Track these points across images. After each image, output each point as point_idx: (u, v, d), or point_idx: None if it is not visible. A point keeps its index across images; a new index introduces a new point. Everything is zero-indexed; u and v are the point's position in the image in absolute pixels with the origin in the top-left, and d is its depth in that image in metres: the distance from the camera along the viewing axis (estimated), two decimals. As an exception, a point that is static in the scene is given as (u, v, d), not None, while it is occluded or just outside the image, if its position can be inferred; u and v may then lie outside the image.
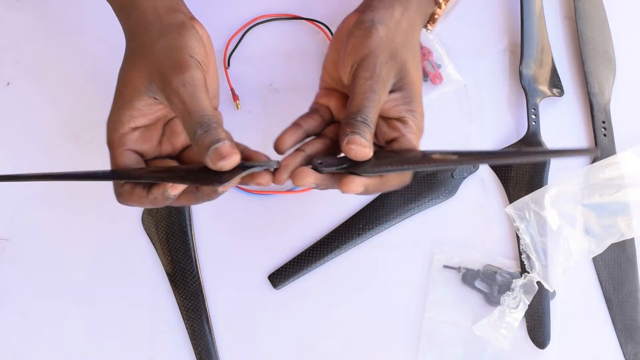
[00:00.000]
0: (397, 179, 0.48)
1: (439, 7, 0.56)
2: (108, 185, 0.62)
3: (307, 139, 0.50)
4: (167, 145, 0.50)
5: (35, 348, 0.57)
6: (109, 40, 0.67)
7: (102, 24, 0.68)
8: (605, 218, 0.60)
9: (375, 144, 0.48)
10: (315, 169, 0.46)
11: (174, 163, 0.50)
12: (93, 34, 0.67)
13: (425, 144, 0.64)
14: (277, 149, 0.48)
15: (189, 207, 0.61)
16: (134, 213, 0.61)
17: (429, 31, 0.58)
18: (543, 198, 0.60)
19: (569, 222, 0.59)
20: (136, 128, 0.48)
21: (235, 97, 0.64)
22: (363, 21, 0.49)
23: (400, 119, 0.49)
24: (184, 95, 0.44)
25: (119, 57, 0.66)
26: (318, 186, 0.46)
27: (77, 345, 0.57)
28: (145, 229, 0.60)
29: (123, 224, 0.61)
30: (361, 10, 0.51)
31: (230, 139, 0.44)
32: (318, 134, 0.51)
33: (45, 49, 0.67)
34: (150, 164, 0.49)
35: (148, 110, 0.47)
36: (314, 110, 0.52)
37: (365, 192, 0.47)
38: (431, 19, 0.56)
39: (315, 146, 0.49)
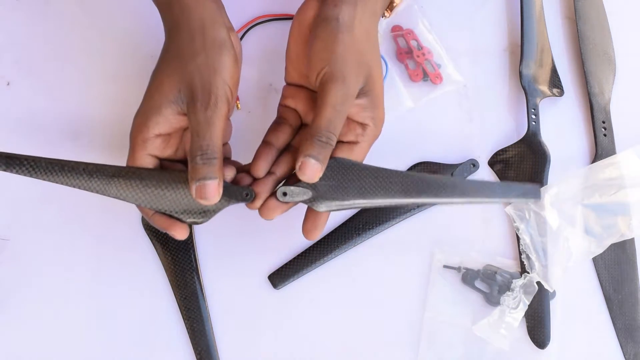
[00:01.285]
0: None
1: None
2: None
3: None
4: (181, 150, 0.51)
5: (35, 348, 0.57)
6: (109, 41, 0.67)
7: (102, 25, 0.68)
8: (605, 218, 0.60)
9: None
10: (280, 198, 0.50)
11: (181, 167, 0.51)
12: (93, 34, 0.67)
13: (426, 145, 0.64)
14: (254, 174, 0.50)
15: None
16: (134, 213, 0.61)
17: (384, 18, 0.57)
18: (543, 198, 0.60)
19: (569, 222, 0.59)
20: (160, 135, 0.49)
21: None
22: (327, 19, 0.49)
23: (361, 124, 0.51)
24: (202, 118, 0.46)
25: (118, 59, 0.66)
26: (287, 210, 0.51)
27: (77, 345, 0.57)
28: (146, 229, 0.60)
29: (123, 224, 0.61)
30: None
31: (222, 176, 0.47)
32: (288, 145, 0.53)
33: (45, 49, 0.67)
34: (163, 165, 0.51)
35: (173, 118, 0.48)
36: (282, 119, 0.53)
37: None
38: (389, 7, 0.56)
39: (284, 167, 0.51)
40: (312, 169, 0.47)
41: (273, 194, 0.50)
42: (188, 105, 0.47)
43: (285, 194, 0.49)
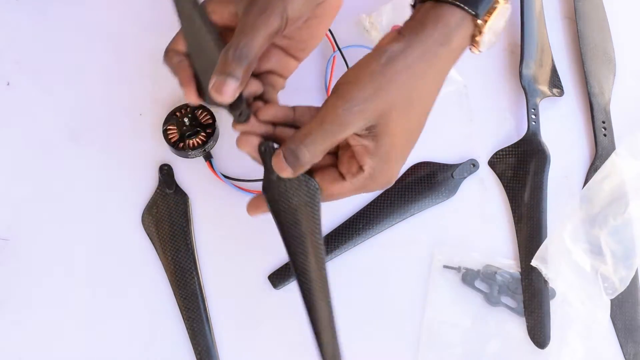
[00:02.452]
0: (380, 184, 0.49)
1: (479, 30, 0.47)
2: (108, 184, 0.62)
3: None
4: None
5: (35, 348, 0.57)
6: (109, 40, 0.67)
7: (103, 24, 0.68)
8: (625, 240, 0.59)
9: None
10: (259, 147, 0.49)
11: None
12: (93, 33, 0.67)
13: (426, 145, 0.64)
14: (257, 115, 0.49)
15: (189, 206, 0.61)
16: (134, 213, 0.61)
17: (475, 52, 0.50)
18: (564, 240, 0.59)
19: (598, 254, 0.59)
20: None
21: (235, 97, 0.64)
22: (379, 48, 0.46)
23: (360, 167, 0.47)
24: (250, 20, 0.46)
25: (119, 57, 0.66)
26: (253, 159, 0.50)
27: (77, 345, 0.57)
28: (145, 229, 0.60)
29: (123, 224, 0.61)
30: (401, 32, 0.47)
31: (245, 81, 0.46)
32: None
33: (45, 49, 0.67)
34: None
35: (225, 12, 0.49)
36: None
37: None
38: (473, 42, 0.48)
39: (286, 131, 0.50)
40: (279, 166, 0.46)
41: (259, 139, 0.49)
42: (245, 8, 0.47)
43: (264, 150, 0.48)
